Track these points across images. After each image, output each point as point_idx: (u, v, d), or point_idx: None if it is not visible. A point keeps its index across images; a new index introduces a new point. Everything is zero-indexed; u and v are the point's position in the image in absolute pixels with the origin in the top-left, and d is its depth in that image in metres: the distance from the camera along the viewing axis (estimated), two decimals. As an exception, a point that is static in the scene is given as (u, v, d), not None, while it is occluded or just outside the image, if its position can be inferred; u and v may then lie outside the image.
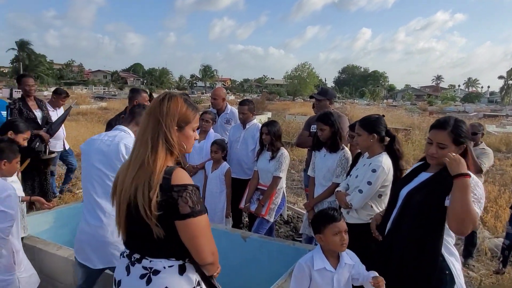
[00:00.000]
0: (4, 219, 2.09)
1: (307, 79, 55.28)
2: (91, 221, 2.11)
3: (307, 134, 3.98)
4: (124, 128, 2.26)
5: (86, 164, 2.18)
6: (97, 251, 2.10)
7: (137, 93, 3.88)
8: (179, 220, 1.32)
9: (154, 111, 1.41)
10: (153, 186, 1.31)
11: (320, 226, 1.96)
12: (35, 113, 4.40)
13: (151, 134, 1.39)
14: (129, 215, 1.38)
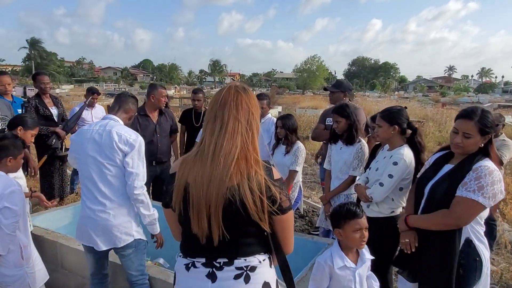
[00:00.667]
0: (9, 215, 2.13)
1: (316, 72, 54.86)
2: (92, 206, 2.18)
3: (322, 127, 3.94)
4: (112, 117, 2.27)
5: (80, 155, 2.21)
6: (101, 234, 2.18)
7: (155, 89, 3.94)
8: (281, 215, 1.32)
9: (246, 100, 1.35)
10: (261, 181, 1.27)
11: (340, 221, 1.92)
12: (51, 110, 4.44)
13: (239, 124, 1.31)
14: (228, 216, 1.29)
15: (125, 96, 2.38)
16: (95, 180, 2.16)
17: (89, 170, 2.17)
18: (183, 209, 1.33)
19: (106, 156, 2.12)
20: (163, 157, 4.05)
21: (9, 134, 2.36)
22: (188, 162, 1.34)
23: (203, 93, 4.68)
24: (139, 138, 2.19)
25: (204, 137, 1.35)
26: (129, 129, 2.23)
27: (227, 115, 1.32)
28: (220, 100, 1.34)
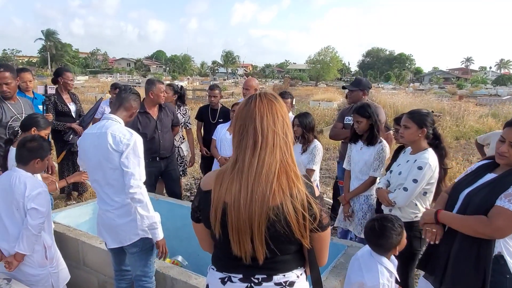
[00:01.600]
0: (36, 216, 2.18)
1: (330, 63, 54.23)
2: (101, 206, 2.25)
3: (340, 126, 3.89)
4: (111, 116, 2.24)
5: (85, 158, 2.24)
6: (109, 233, 2.25)
7: (152, 85, 3.86)
8: (321, 232, 1.29)
9: (280, 110, 1.28)
10: (303, 198, 1.23)
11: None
12: (69, 107, 4.49)
13: (277, 137, 1.24)
14: (271, 235, 1.23)
15: (125, 92, 2.32)
16: (100, 182, 2.20)
17: (94, 173, 2.21)
18: (222, 231, 1.28)
19: (105, 159, 2.12)
20: (166, 152, 4.03)
21: (37, 136, 2.38)
22: (224, 180, 1.28)
23: (219, 89, 4.66)
24: (133, 137, 2.14)
25: (238, 153, 1.27)
26: (124, 128, 2.19)
27: (265, 128, 1.24)
28: (254, 111, 1.25)
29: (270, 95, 1.32)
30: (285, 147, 1.26)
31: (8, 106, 3.28)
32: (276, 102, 1.30)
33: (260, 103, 1.27)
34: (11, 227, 2.25)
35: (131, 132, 2.16)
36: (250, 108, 1.27)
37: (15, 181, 2.21)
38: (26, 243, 2.16)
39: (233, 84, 41.52)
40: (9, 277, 2.25)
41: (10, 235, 2.24)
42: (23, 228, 2.17)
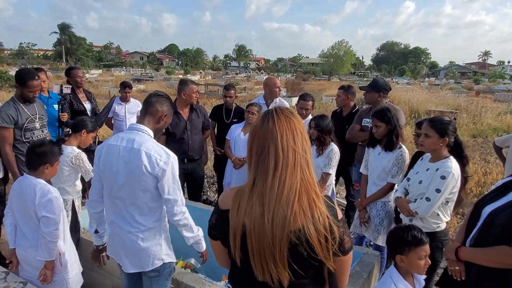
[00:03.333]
0: (48, 223, 2.17)
1: (343, 57, 53.60)
2: (122, 225, 2.01)
3: (358, 128, 3.81)
4: (139, 127, 2.00)
5: (108, 173, 1.98)
6: (128, 256, 2.04)
7: (185, 85, 3.87)
8: (342, 256, 1.24)
9: (298, 126, 1.23)
10: (325, 221, 1.18)
11: (405, 247, 1.85)
12: (84, 105, 4.49)
13: (298, 155, 1.19)
14: (292, 259, 1.19)
15: (150, 97, 2.09)
16: (125, 201, 1.97)
17: (119, 190, 1.97)
18: (242, 255, 1.24)
19: (135, 180, 1.91)
20: (194, 154, 4.02)
21: (46, 141, 2.37)
22: (242, 203, 1.22)
23: (234, 89, 4.61)
24: (170, 159, 1.93)
25: (257, 175, 1.21)
26: (159, 146, 1.97)
27: (286, 147, 1.18)
28: (273, 130, 1.20)
29: (287, 111, 1.26)
30: (305, 165, 1.21)
31: (23, 108, 3.30)
32: (294, 118, 1.25)
33: (278, 120, 1.21)
34: (29, 234, 2.26)
35: (168, 153, 1.95)
36: (268, 127, 1.21)
37: (25, 189, 2.22)
38: (46, 250, 2.17)
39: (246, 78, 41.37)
40: (24, 280, 2.26)
41: (27, 240, 2.25)
42: (40, 236, 2.17)
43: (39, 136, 3.41)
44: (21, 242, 2.30)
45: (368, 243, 3.83)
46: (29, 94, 3.26)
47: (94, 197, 2.08)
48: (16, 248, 2.33)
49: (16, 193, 2.28)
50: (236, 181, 4.13)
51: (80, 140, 2.92)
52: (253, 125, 1.27)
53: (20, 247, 2.31)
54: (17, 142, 3.31)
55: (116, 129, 5.09)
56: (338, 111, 4.49)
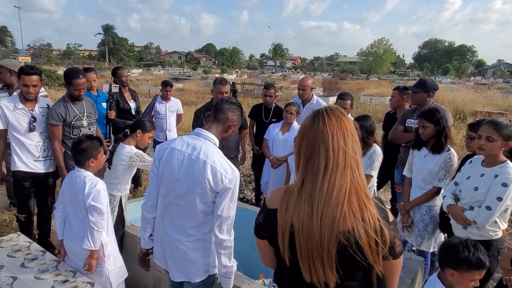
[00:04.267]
0: (94, 213, 2.27)
1: (383, 56, 52.03)
2: (171, 233, 1.94)
3: (401, 129, 3.68)
4: (206, 134, 1.90)
5: (166, 175, 1.90)
6: (176, 265, 1.98)
7: (213, 84, 3.85)
8: (392, 260, 1.22)
9: (349, 127, 1.21)
10: (376, 223, 1.15)
11: (463, 266, 1.75)
12: (129, 104, 4.66)
13: (348, 157, 1.17)
14: (340, 261, 1.18)
15: (222, 103, 1.97)
16: (180, 210, 1.89)
17: (175, 197, 1.89)
18: (291, 256, 1.23)
19: (195, 191, 1.81)
20: (229, 152, 4.03)
21: (83, 137, 2.47)
22: (290, 203, 1.22)
23: (274, 88, 4.60)
24: (235, 177, 1.81)
25: (305, 175, 1.21)
26: (225, 161, 1.85)
27: (336, 148, 1.17)
28: (324, 131, 1.18)
29: (337, 111, 1.24)
30: (355, 166, 1.19)
31: (71, 107, 3.46)
32: (345, 118, 1.22)
33: (329, 121, 1.20)
34: (75, 225, 2.38)
35: (233, 170, 1.83)
36: (318, 127, 1.20)
37: (76, 180, 2.34)
38: (91, 240, 2.27)
39: (282, 77, 41.25)
40: (74, 269, 2.37)
41: (74, 232, 2.37)
42: (87, 226, 2.27)
43: (86, 133, 3.56)
44: (69, 234, 2.42)
45: (409, 248, 3.69)
46: (75, 92, 3.41)
47: (153, 202, 2.01)
48: (64, 239, 2.46)
49: (67, 186, 2.40)
50: (274, 181, 4.12)
51: (137, 140, 2.99)
52: (302, 125, 1.26)
53: (67, 238, 2.43)
54: (66, 138, 3.49)
55: (157, 127, 5.23)
56: (391, 112, 4.37)
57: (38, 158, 3.41)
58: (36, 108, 3.35)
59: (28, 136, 3.33)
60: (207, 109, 3.85)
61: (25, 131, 3.31)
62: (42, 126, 3.41)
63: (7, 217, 4.36)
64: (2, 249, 2.54)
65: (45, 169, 3.47)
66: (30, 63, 30.45)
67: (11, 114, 3.24)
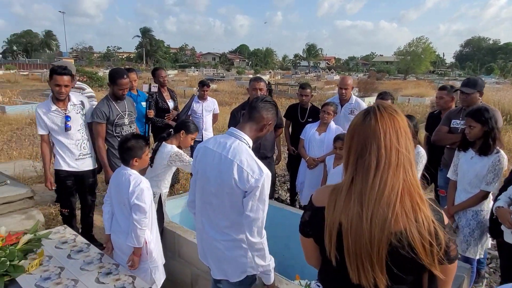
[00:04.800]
0: (138, 211, 2.30)
1: (422, 55, 50.18)
2: (209, 231, 1.95)
3: (446, 130, 3.52)
4: (239, 134, 1.87)
5: (200, 174, 1.94)
6: (216, 263, 1.99)
7: (250, 81, 3.87)
8: (447, 264, 1.17)
9: (402, 125, 1.17)
10: (430, 225, 1.10)
11: None
12: (168, 104, 4.78)
13: (401, 155, 1.13)
14: (391, 263, 1.13)
15: (257, 101, 1.93)
16: (215, 208, 1.90)
17: (209, 195, 1.90)
18: (338, 255, 1.20)
19: (224, 190, 1.81)
20: (266, 152, 4.04)
21: (129, 136, 2.52)
22: (338, 201, 1.19)
23: (311, 88, 4.55)
24: (263, 176, 1.75)
25: (355, 173, 1.17)
26: (254, 160, 1.80)
27: (389, 147, 1.13)
28: (376, 128, 1.14)
29: (390, 108, 1.20)
30: (408, 165, 1.15)
31: (114, 105, 3.59)
32: (397, 116, 1.18)
33: (381, 118, 1.15)
34: (120, 220, 2.45)
35: (261, 169, 1.77)
36: (370, 124, 1.16)
37: (121, 178, 2.40)
38: (135, 237, 2.32)
39: (315, 78, 40.82)
40: (117, 263, 2.45)
41: (120, 227, 2.45)
42: (130, 223, 2.33)
43: (128, 131, 3.69)
44: (116, 229, 2.50)
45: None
46: (119, 92, 3.54)
47: (192, 198, 2.07)
48: (111, 234, 2.54)
49: (113, 183, 2.48)
50: (310, 181, 4.07)
51: (180, 140, 3.04)
52: (353, 122, 1.23)
53: (114, 233, 2.51)
54: (109, 136, 3.62)
55: None
56: (435, 113, 4.19)
57: (79, 156, 3.53)
58: (69, 106, 3.43)
59: (67, 136, 3.44)
60: (243, 108, 3.87)
61: (62, 131, 3.41)
62: (79, 123, 3.50)
63: (53, 211, 4.59)
64: (50, 240, 2.67)
65: (86, 167, 3.59)
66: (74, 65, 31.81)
67: (46, 118, 3.36)
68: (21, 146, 8.12)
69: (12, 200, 2.97)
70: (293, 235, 3.11)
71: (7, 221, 2.84)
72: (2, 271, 2.16)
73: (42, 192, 5.23)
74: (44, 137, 3.42)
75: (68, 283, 2.13)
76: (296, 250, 3.16)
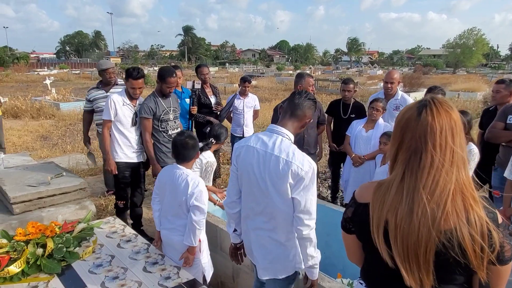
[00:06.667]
0: (198, 212, 2.33)
1: (473, 47, 47.25)
2: (256, 231, 1.97)
3: (501, 126, 3.29)
4: (280, 130, 1.85)
5: (244, 171, 1.93)
6: (263, 261, 1.99)
7: (301, 78, 3.85)
8: (500, 265, 1.12)
9: (458, 122, 1.12)
10: (483, 225, 1.06)
11: None
12: (210, 99, 4.86)
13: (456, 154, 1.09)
14: (439, 263, 1.11)
15: (300, 98, 1.91)
16: (261, 207, 1.89)
17: (254, 193, 1.90)
18: (388, 252, 1.16)
19: (272, 188, 1.80)
20: (309, 148, 3.99)
21: (189, 133, 2.54)
22: (387, 198, 1.15)
23: (353, 83, 4.44)
24: (312, 168, 1.76)
25: (406, 170, 1.13)
26: (301, 154, 1.79)
27: (444, 144, 1.09)
28: (433, 125, 1.09)
29: (446, 103, 1.13)
30: (462, 165, 1.10)
31: (161, 101, 3.72)
32: (453, 113, 1.12)
33: (438, 114, 1.10)
34: (174, 219, 2.47)
35: (310, 162, 1.77)
36: (426, 120, 1.10)
37: (178, 178, 2.40)
38: (192, 237, 2.35)
39: (357, 73, 39.76)
40: (163, 254, 2.53)
41: (174, 225, 2.47)
42: (189, 223, 2.35)
43: (172, 127, 3.81)
44: (166, 225, 2.53)
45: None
46: (167, 90, 3.67)
47: (233, 198, 2.05)
48: (161, 231, 2.58)
49: (168, 182, 2.47)
50: (355, 179, 3.98)
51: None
52: (404, 116, 1.16)
53: (166, 230, 2.54)
54: (155, 131, 3.76)
55: (235, 122, 5.38)
56: (491, 109, 3.96)
57: (136, 149, 3.77)
58: (137, 104, 3.72)
59: (131, 130, 3.71)
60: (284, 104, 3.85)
61: (130, 125, 3.68)
62: (139, 122, 3.75)
63: (103, 202, 4.84)
64: (102, 230, 2.82)
65: (141, 159, 3.84)
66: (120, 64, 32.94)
67: (120, 109, 3.62)
68: (74, 140, 8.63)
69: (68, 191, 3.15)
70: (333, 233, 3.06)
71: (63, 211, 3.03)
72: (60, 256, 2.32)
73: (93, 184, 5.54)
74: (108, 124, 3.66)
75: (118, 271, 2.25)
76: (337, 248, 3.11)
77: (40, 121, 10.87)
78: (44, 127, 10.03)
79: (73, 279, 2.17)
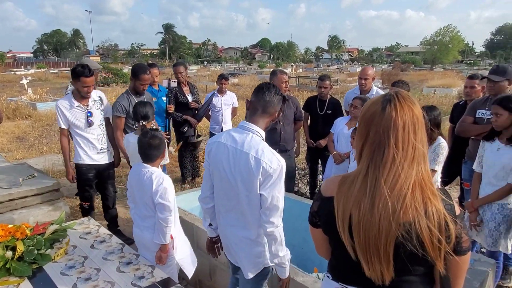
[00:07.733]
0: (163, 210, 2.31)
1: (449, 44, 48.41)
2: (228, 227, 2.01)
3: (471, 121, 3.40)
4: (251, 127, 1.86)
5: (215, 169, 1.94)
6: (236, 255, 2.03)
7: (274, 75, 3.88)
8: (458, 256, 1.15)
9: (420, 118, 1.14)
10: (440, 217, 1.09)
11: None
12: (187, 98, 4.83)
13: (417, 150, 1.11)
14: (399, 255, 1.12)
15: (270, 93, 1.90)
16: (231, 202, 1.92)
17: (225, 189, 1.92)
18: (352, 245, 1.18)
19: (241, 184, 1.82)
20: (286, 145, 4.02)
21: (156, 133, 2.51)
22: (351, 192, 1.17)
23: (330, 80, 4.49)
24: (280, 166, 1.77)
25: (370, 165, 1.14)
26: (270, 151, 1.80)
27: (406, 140, 1.10)
28: (396, 120, 1.10)
29: (409, 98, 1.15)
30: (422, 160, 1.12)
31: (134, 100, 3.68)
32: (415, 108, 1.14)
33: (401, 109, 1.11)
34: (144, 218, 2.46)
35: (279, 160, 1.79)
36: (391, 116, 1.11)
37: (143, 177, 2.39)
38: (162, 235, 2.34)
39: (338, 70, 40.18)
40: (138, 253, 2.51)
41: (145, 223, 2.46)
42: (156, 222, 2.34)
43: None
44: (138, 223, 2.52)
45: (478, 250, 3.42)
46: (140, 87, 3.62)
47: (206, 193, 2.08)
48: (134, 228, 2.57)
49: (134, 180, 2.47)
50: (335, 176, 4.03)
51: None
52: (369, 110, 1.17)
53: (137, 228, 2.53)
54: (129, 129, 3.71)
55: (213, 120, 5.37)
56: (461, 103, 4.05)
57: (100, 150, 3.62)
58: (90, 102, 3.52)
59: (89, 131, 3.53)
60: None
61: (85, 126, 3.50)
62: (99, 119, 3.59)
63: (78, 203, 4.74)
64: (75, 231, 2.77)
65: (106, 161, 3.69)
66: (100, 63, 31.89)
67: (69, 113, 3.44)
68: (51, 141, 8.44)
69: (40, 192, 3.10)
70: (311, 228, 3.08)
71: (35, 212, 2.97)
72: (31, 259, 2.27)
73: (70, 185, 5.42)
74: (64, 131, 3.53)
75: (91, 272, 2.21)
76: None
77: (16, 122, 10.59)
78: (20, 128, 9.77)
79: (44, 282, 2.13)
